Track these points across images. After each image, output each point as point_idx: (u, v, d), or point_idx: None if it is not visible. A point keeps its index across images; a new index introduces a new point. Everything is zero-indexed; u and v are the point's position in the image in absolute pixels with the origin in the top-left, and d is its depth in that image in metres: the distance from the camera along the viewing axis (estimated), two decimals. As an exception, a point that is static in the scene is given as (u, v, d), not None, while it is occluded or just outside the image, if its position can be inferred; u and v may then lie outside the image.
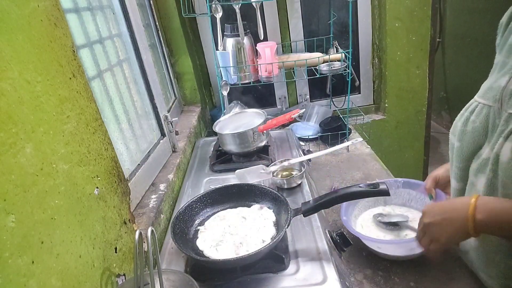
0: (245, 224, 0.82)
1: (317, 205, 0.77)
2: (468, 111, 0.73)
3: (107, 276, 0.61)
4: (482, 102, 0.70)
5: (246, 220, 0.84)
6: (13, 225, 0.42)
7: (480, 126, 0.69)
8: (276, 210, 0.86)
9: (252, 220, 0.83)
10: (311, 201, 0.79)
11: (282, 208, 0.84)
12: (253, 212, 0.86)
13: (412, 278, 0.85)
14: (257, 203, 0.89)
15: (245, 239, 0.77)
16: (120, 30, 1.05)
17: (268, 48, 1.44)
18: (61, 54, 0.58)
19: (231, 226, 0.83)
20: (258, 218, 0.83)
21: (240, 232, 0.80)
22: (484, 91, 0.70)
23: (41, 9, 0.54)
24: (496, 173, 0.65)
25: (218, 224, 0.84)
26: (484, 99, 0.69)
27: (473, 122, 0.70)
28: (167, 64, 1.60)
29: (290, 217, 0.76)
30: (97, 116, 0.67)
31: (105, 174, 0.68)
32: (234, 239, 0.78)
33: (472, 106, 0.72)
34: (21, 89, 0.47)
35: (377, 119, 1.91)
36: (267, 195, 0.89)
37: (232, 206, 0.91)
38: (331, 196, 0.76)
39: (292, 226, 0.84)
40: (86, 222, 0.58)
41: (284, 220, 0.77)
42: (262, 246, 0.72)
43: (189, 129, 1.43)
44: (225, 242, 0.78)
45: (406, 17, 1.69)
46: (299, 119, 1.80)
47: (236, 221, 0.84)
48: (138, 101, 1.08)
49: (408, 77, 1.81)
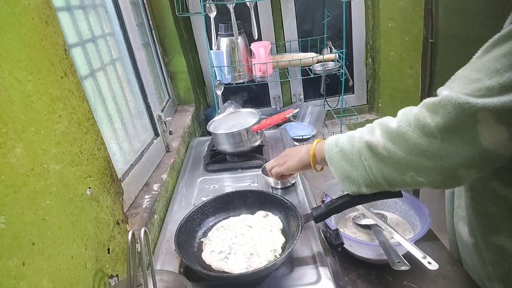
0: (252, 233, 0.80)
1: (329, 210, 0.75)
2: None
3: (99, 277, 0.61)
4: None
5: (253, 229, 0.81)
6: (3, 226, 0.41)
7: None
8: (283, 216, 0.84)
9: (259, 229, 0.80)
10: (322, 206, 0.77)
11: (290, 214, 0.82)
12: (259, 220, 0.84)
13: (405, 277, 0.85)
14: (262, 210, 0.87)
15: (255, 249, 0.75)
16: (113, 29, 1.04)
17: (262, 48, 1.44)
18: (52, 52, 0.57)
19: (237, 236, 0.80)
20: (265, 225, 0.81)
21: (249, 242, 0.77)
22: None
23: (32, 7, 0.53)
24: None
25: (222, 234, 0.81)
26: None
27: None
28: (161, 64, 1.59)
29: (301, 224, 0.74)
30: (89, 115, 0.67)
31: (97, 174, 0.67)
32: (244, 250, 0.75)
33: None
34: (11, 88, 0.46)
35: (371, 119, 1.92)
36: (271, 202, 0.87)
37: (235, 214, 0.89)
38: (342, 200, 0.74)
39: (286, 226, 0.83)
40: (78, 223, 0.57)
41: (295, 227, 0.76)
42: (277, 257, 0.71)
43: (183, 129, 1.42)
44: (233, 253, 0.75)
45: (399, 17, 1.71)
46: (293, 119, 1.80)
47: (242, 230, 0.81)
48: (131, 100, 1.07)
49: (401, 77, 1.83)
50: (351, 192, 0.70)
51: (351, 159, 0.66)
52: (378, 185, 0.65)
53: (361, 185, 0.67)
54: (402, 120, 0.60)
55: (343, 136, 0.71)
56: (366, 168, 0.64)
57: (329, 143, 0.72)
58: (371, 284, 0.85)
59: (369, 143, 0.63)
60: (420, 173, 0.58)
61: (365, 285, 0.85)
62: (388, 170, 0.61)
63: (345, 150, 0.67)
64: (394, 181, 0.62)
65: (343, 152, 0.68)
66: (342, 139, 0.70)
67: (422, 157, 0.56)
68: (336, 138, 0.72)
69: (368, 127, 0.68)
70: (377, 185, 0.65)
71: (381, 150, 0.61)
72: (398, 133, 0.59)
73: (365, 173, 0.65)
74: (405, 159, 0.58)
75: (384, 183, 0.64)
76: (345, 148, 0.67)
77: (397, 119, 0.62)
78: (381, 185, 0.65)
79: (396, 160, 0.59)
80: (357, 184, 0.67)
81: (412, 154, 0.57)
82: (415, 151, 0.57)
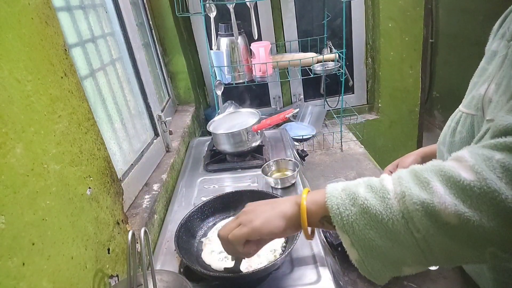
0: None
1: None
2: (453, 121, 0.72)
3: (100, 278, 0.61)
4: (465, 111, 0.69)
5: None
6: (3, 226, 0.41)
7: (467, 136, 0.67)
8: None
9: None
10: None
11: None
12: None
13: (405, 277, 0.85)
14: None
15: None
16: (113, 29, 1.04)
17: (262, 48, 1.44)
18: (52, 52, 0.57)
19: None
20: None
21: None
22: (467, 100, 0.70)
23: (32, 7, 0.53)
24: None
25: None
26: (467, 109, 0.68)
27: (460, 133, 0.69)
28: (161, 64, 1.59)
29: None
30: (89, 115, 0.67)
31: (97, 174, 0.67)
32: None
33: (457, 116, 0.71)
34: (11, 88, 0.46)
35: (371, 118, 1.92)
36: None
37: (235, 214, 0.88)
38: None
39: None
40: (78, 223, 0.57)
41: None
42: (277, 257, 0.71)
43: (183, 129, 1.42)
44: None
45: (399, 17, 1.70)
46: (293, 119, 1.80)
47: None
48: (131, 100, 1.07)
49: (401, 77, 1.83)
50: (380, 277, 0.48)
51: (391, 229, 0.44)
52: (432, 263, 0.46)
53: (403, 265, 0.47)
54: (483, 169, 0.41)
55: (360, 187, 0.48)
56: (419, 244, 0.43)
57: (335, 195, 0.49)
58: (371, 284, 0.85)
59: (429, 205, 0.42)
60: (509, 248, 0.41)
61: (365, 285, 0.85)
62: (457, 245, 0.42)
63: (375, 213, 0.45)
64: (462, 258, 0.45)
65: (372, 217, 0.45)
66: (362, 193, 0.47)
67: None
68: (347, 189, 0.49)
69: (412, 175, 0.46)
70: (431, 264, 0.46)
71: (450, 217, 0.41)
72: (483, 190, 0.40)
73: (417, 251, 0.44)
74: (491, 229, 0.40)
75: (444, 260, 0.45)
76: (375, 209, 0.45)
77: (470, 167, 0.42)
78: (436, 264, 0.46)
79: (475, 231, 0.40)
80: (396, 264, 0.47)
81: (505, 223, 0.39)
82: (509, 217, 0.39)
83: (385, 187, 0.46)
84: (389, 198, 0.45)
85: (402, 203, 0.44)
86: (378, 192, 0.46)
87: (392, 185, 0.46)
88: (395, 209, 0.44)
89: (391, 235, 0.44)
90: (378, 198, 0.45)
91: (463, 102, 0.72)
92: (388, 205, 0.44)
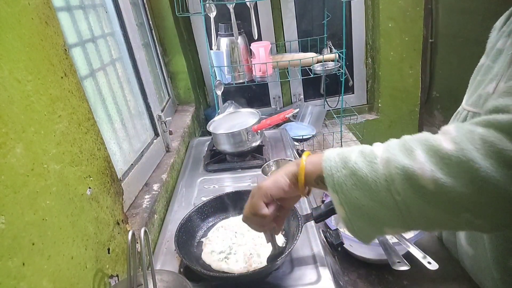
0: (252, 233, 0.79)
1: (329, 210, 0.74)
2: (460, 120, 0.72)
3: (100, 278, 0.61)
4: (472, 110, 0.68)
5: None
6: (3, 226, 0.41)
7: None
8: None
9: None
10: (322, 206, 0.75)
11: (289, 214, 0.81)
12: None
13: (405, 277, 0.85)
14: None
15: (255, 249, 0.75)
16: (113, 29, 1.04)
17: (262, 48, 1.44)
18: (52, 52, 0.57)
19: (237, 236, 0.80)
20: None
21: (249, 242, 0.77)
22: (473, 99, 0.69)
23: (32, 7, 0.53)
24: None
25: (222, 234, 0.81)
26: (474, 107, 0.68)
27: None
28: (161, 64, 1.59)
29: (301, 224, 0.74)
30: (89, 115, 0.67)
31: (97, 174, 0.67)
32: (244, 250, 0.75)
33: (463, 115, 0.71)
34: (11, 88, 0.46)
35: (371, 118, 1.92)
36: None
37: (235, 214, 0.89)
38: None
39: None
40: (78, 223, 0.57)
41: (295, 227, 0.75)
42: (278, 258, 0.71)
43: (183, 129, 1.42)
44: (233, 253, 0.75)
45: (399, 17, 1.71)
46: (293, 119, 1.80)
47: (242, 230, 0.81)
48: (131, 100, 1.07)
49: (401, 77, 1.83)
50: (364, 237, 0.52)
51: (374, 190, 0.47)
52: (411, 227, 0.49)
53: (384, 226, 0.50)
54: (462, 141, 0.44)
55: (353, 153, 0.52)
56: (399, 206, 0.46)
57: (330, 158, 0.53)
58: (371, 284, 0.85)
59: (408, 170, 0.45)
60: (482, 214, 0.44)
61: (365, 285, 0.85)
62: (433, 209, 0.45)
63: (361, 175, 0.49)
64: (439, 223, 0.48)
65: (359, 178, 0.49)
66: (354, 157, 0.51)
67: (492, 195, 0.42)
68: (341, 154, 0.53)
69: (400, 143, 0.50)
70: (410, 227, 0.49)
71: (427, 182, 0.44)
72: (460, 159, 0.43)
73: (397, 213, 0.47)
74: (464, 196, 0.42)
75: (422, 224, 0.48)
76: (362, 172, 0.49)
77: (452, 138, 0.45)
78: (416, 227, 0.50)
79: (450, 197, 0.43)
80: (378, 224, 0.50)
81: (479, 190, 0.42)
82: (484, 186, 0.41)
83: (374, 152, 0.50)
84: (376, 163, 0.49)
85: (386, 167, 0.47)
86: (367, 157, 0.50)
87: (381, 152, 0.50)
88: (380, 172, 0.48)
89: (374, 196, 0.48)
90: (366, 162, 0.49)
91: (466, 101, 0.72)
92: (373, 168, 0.48)
